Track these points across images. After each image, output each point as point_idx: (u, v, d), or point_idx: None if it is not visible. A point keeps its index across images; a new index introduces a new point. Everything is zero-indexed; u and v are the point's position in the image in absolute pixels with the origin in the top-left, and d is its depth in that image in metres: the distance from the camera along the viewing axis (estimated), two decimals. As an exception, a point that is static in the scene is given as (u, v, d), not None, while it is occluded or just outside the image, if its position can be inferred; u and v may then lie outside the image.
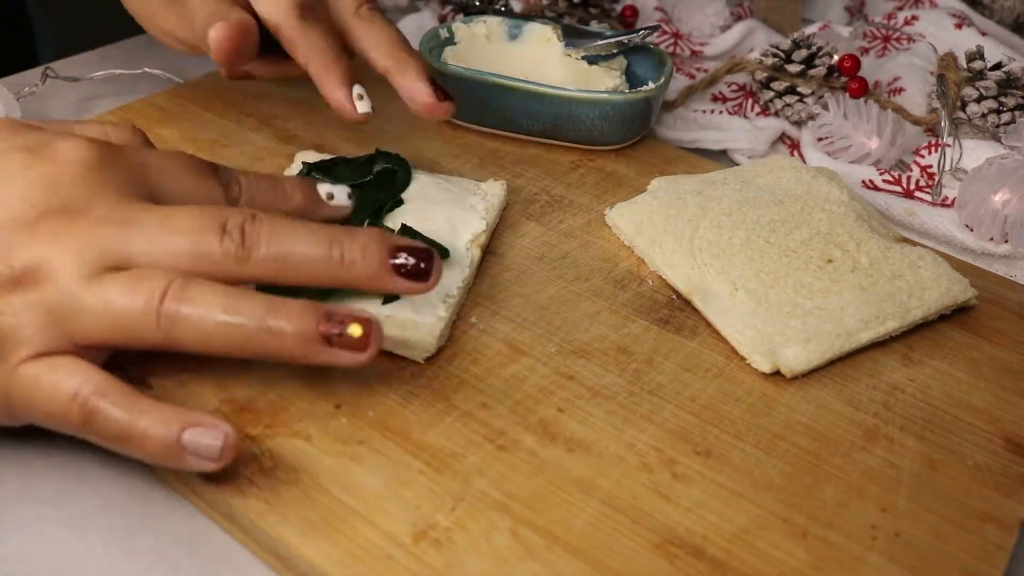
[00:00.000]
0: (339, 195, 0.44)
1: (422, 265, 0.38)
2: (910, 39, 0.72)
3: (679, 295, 0.48)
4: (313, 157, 0.51)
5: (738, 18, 0.78)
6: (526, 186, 0.55)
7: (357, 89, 0.49)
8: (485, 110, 0.58)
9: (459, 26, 0.62)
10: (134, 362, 0.40)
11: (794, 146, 0.65)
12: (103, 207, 0.36)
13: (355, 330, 0.35)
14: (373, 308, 0.42)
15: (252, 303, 0.35)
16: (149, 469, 0.38)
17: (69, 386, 0.34)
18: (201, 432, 0.34)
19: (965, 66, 0.63)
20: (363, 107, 0.49)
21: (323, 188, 0.43)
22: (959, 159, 0.60)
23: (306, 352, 0.35)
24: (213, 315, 0.35)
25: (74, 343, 0.35)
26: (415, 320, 0.41)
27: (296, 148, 0.56)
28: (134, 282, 0.35)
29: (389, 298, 0.41)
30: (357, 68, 0.51)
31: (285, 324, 0.35)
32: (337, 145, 0.57)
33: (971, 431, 0.41)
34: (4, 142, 0.37)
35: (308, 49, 0.49)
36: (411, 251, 0.38)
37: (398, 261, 0.38)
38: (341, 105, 0.49)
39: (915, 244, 0.51)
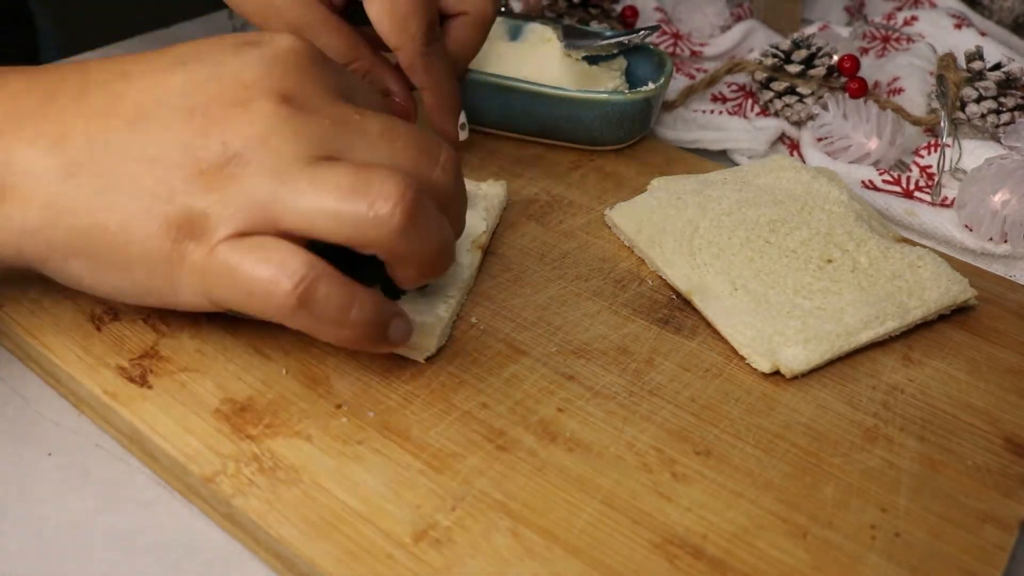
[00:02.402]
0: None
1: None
2: (910, 39, 0.72)
3: (679, 295, 0.48)
4: None
5: (738, 18, 0.78)
6: (526, 186, 0.55)
7: (462, 118, 0.52)
8: (485, 110, 0.58)
9: (459, 26, 0.62)
10: (133, 361, 0.40)
11: (794, 146, 0.65)
12: (317, 98, 0.36)
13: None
14: None
15: (447, 227, 0.38)
16: (149, 469, 0.38)
17: (274, 264, 0.33)
18: (401, 322, 0.37)
19: (965, 66, 0.63)
20: (463, 135, 0.53)
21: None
22: (959, 159, 0.60)
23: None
24: (433, 229, 0.36)
25: (279, 229, 0.34)
26: (416, 320, 0.41)
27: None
28: (366, 176, 0.34)
29: (391, 295, 0.41)
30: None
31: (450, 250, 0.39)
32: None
33: (971, 431, 0.41)
34: (218, 37, 0.38)
35: (429, 78, 0.49)
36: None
37: None
38: (448, 134, 0.52)
39: (915, 244, 0.51)
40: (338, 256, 0.36)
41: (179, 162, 0.34)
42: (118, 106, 0.35)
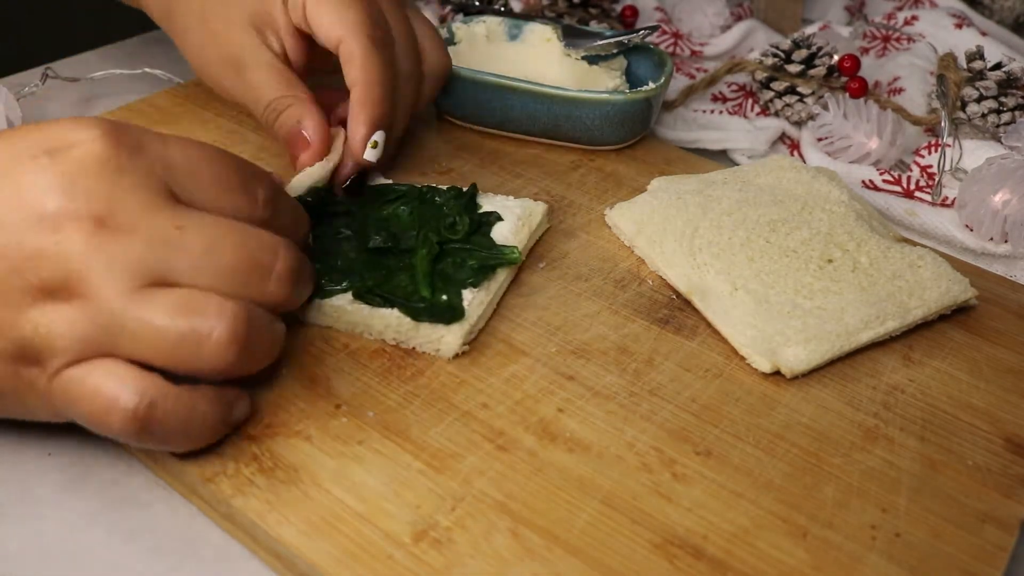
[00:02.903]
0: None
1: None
2: (910, 39, 0.72)
3: (679, 295, 0.48)
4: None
5: (738, 18, 0.78)
6: (526, 186, 0.55)
7: (377, 135, 0.48)
8: (485, 110, 0.58)
9: (459, 26, 0.62)
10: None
11: (794, 146, 0.65)
12: (132, 215, 0.33)
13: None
14: (406, 324, 0.42)
15: (280, 326, 0.38)
16: (149, 469, 0.38)
17: (109, 390, 0.33)
18: (243, 405, 0.37)
19: (965, 66, 0.63)
20: (370, 155, 0.48)
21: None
22: (959, 159, 0.60)
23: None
24: (267, 342, 0.36)
25: (112, 356, 0.33)
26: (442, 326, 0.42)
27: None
28: (189, 306, 0.34)
29: (418, 316, 0.42)
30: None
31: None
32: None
33: (971, 431, 0.41)
34: (18, 141, 0.34)
35: (361, 74, 0.47)
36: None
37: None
38: (352, 142, 0.48)
39: (915, 244, 0.51)
40: None
41: (2, 295, 0.33)
42: None
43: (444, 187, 0.50)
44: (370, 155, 0.48)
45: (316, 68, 0.52)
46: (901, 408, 0.42)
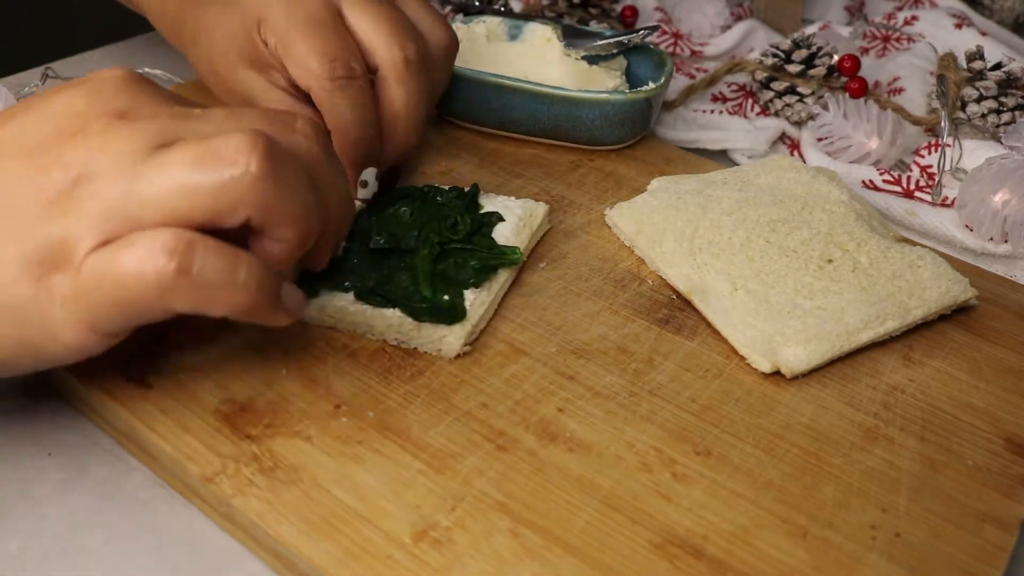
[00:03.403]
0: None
1: None
2: (910, 39, 0.72)
3: (679, 295, 0.48)
4: None
5: (738, 18, 0.78)
6: (526, 186, 0.55)
7: (366, 175, 0.49)
8: (485, 110, 0.58)
9: (459, 26, 0.62)
10: (132, 362, 0.40)
11: (794, 146, 0.65)
12: (153, 107, 0.34)
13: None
14: (407, 324, 0.42)
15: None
16: (149, 469, 0.38)
17: (143, 245, 0.31)
18: (292, 289, 0.36)
19: (965, 66, 0.63)
20: (362, 195, 0.49)
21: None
22: (959, 159, 0.60)
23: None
24: (299, 180, 0.34)
25: (141, 226, 0.32)
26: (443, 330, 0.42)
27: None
28: (211, 137, 0.33)
29: (419, 316, 0.42)
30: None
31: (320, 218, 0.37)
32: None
33: (971, 431, 0.41)
34: (50, 89, 0.36)
35: (334, 118, 0.47)
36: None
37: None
38: None
39: (915, 244, 0.51)
40: None
41: (25, 203, 0.33)
42: None
43: (446, 187, 0.50)
44: (362, 195, 0.48)
45: None
46: (901, 408, 0.42)
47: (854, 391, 0.43)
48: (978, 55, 0.63)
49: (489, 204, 0.49)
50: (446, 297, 0.43)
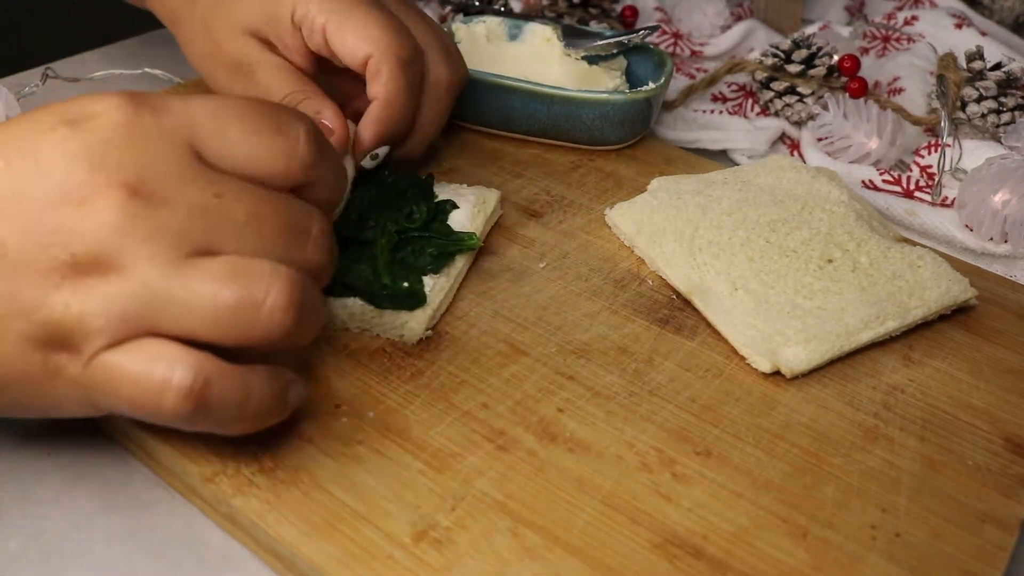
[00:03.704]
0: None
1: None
2: (910, 39, 0.72)
3: (679, 295, 0.48)
4: None
5: (738, 18, 0.78)
6: (526, 186, 0.55)
7: (380, 149, 0.49)
8: (485, 110, 0.58)
9: (459, 26, 0.62)
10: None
11: (794, 146, 0.65)
12: (165, 183, 0.32)
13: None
14: (370, 310, 0.42)
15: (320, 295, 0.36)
16: (149, 469, 0.38)
17: (160, 371, 0.31)
18: (298, 387, 0.35)
19: (965, 66, 0.63)
20: (367, 164, 0.49)
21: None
22: (959, 159, 0.60)
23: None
24: (319, 311, 0.34)
25: (153, 333, 0.31)
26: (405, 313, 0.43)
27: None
28: (244, 271, 0.32)
29: (380, 303, 0.43)
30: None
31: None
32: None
33: (971, 431, 0.41)
34: (35, 114, 0.33)
35: (383, 89, 0.47)
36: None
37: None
38: (358, 147, 0.48)
39: (915, 244, 0.51)
40: None
41: (26, 276, 0.31)
42: None
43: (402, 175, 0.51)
44: (367, 164, 0.49)
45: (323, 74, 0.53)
46: (901, 408, 0.42)
47: (854, 391, 0.43)
48: (978, 55, 0.63)
49: (443, 192, 0.50)
50: (406, 284, 0.44)
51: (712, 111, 0.67)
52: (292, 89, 0.49)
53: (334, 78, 0.53)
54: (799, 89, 0.64)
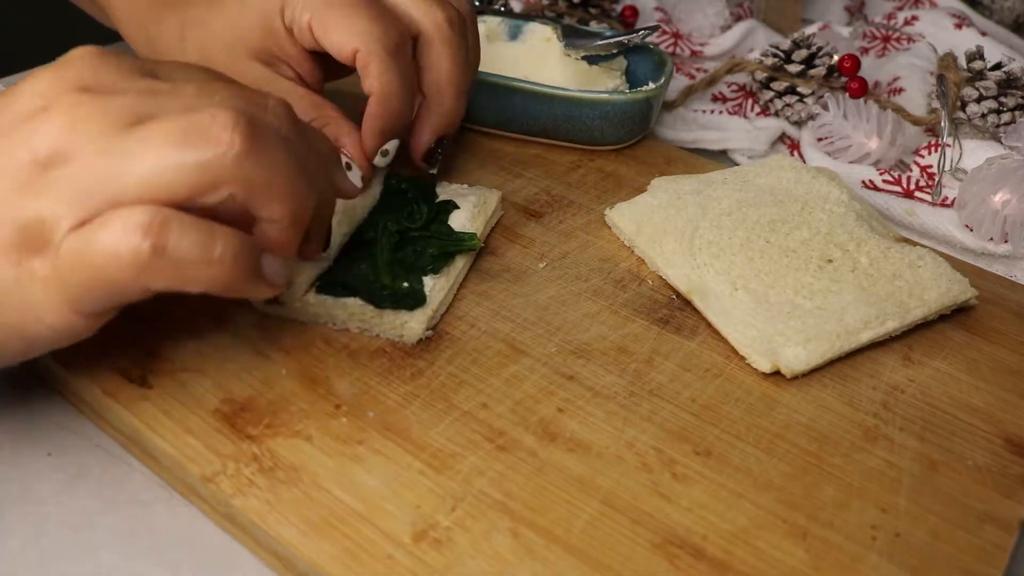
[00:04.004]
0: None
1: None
2: (910, 39, 0.72)
3: (679, 295, 0.48)
4: None
5: (738, 18, 0.78)
6: (526, 186, 0.55)
7: (389, 144, 0.48)
8: (485, 110, 0.58)
9: (459, 26, 0.62)
10: (133, 363, 0.40)
11: (794, 146, 0.65)
12: (120, 80, 0.34)
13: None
14: (369, 311, 0.42)
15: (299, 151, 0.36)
16: (149, 469, 0.38)
17: (117, 224, 0.31)
18: (273, 258, 0.35)
19: (965, 66, 0.63)
20: (379, 162, 0.48)
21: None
22: (959, 159, 0.60)
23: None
24: (279, 152, 0.34)
25: (119, 204, 0.32)
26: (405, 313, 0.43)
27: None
28: (189, 112, 0.32)
29: (380, 303, 0.43)
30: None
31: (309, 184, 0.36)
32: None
33: (971, 431, 0.41)
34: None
35: (377, 83, 0.46)
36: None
37: None
38: (360, 153, 0.47)
39: (915, 244, 0.51)
40: None
41: (1, 185, 0.32)
42: None
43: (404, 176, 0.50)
44: (379, 162, 0.48)
45: (333, 79, 0.52)
46: (901, 408, 0.42)
47: (854, 391, 0.43)
48: (978, 55, 0.63)
49: (444, 192, 0.50)
50: (406, 284, 0.44)
51: (712, 111, 0.67)
52: (311, 116, 0.48)
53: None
54: (799, 89, 0.64)
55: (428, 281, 0.44)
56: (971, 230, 0.55)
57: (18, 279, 0.32)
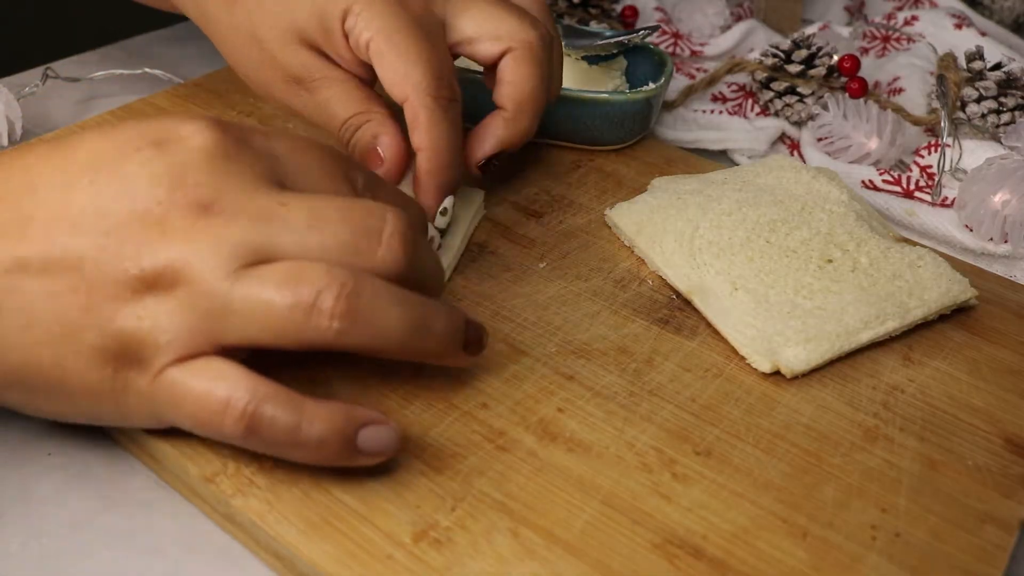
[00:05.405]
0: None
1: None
2: (910, 39, 0.72)
3: (679, 295, 0.48)
4: None
5: (738, 18, 0.78)
6: (526, 186, 0.55)
7: (446, 202, 0.46)
8: (485, 110, 0.58)
9: (459, 26, 0.62)
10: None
11: (794, 146, 0.65)
12: (236, 199, 0.33)
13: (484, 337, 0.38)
14: None
15: (413, 300, 0.35)
16: (149, 469, 0.38)
17: (221, 392, 0.32)
18: (374, 431, 0.35)
19: (965, 66, 0.63)
20: (442, 222, 0.47)
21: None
22: (959, 159, 0.60)
23: (446, 353, 0.37)
24: (388, 312, 0.34)
25: (219, 345, 0.33)
26: None
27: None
28: (296, 277, 0.33)
29: None
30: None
31: (436, 324, 0.36)
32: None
33: (971, 431, 0.41)
34: (122, 133, 0.34)
35: (427, 137, 0.45)
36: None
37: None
38: (397, 154, 0.47)
39: (915, 244, 0.51)
40: None
41: (101, 290, 0.32)
42: (28, 231, 0.33)
43: None
44: (440, 223, 0.47)
45: None
46: (901, 408, 0.42)
47: (854, 391, 0.43)
48: (978, 55, 0.63)
49: None
50: None
51: (712, 111, 0.67)
52: (356, 110, 0.47)
53: None
54: (799, 89, 0.64)
55: None
56: (971, 230, 0.55)
57: (113, 385, 0.33)
